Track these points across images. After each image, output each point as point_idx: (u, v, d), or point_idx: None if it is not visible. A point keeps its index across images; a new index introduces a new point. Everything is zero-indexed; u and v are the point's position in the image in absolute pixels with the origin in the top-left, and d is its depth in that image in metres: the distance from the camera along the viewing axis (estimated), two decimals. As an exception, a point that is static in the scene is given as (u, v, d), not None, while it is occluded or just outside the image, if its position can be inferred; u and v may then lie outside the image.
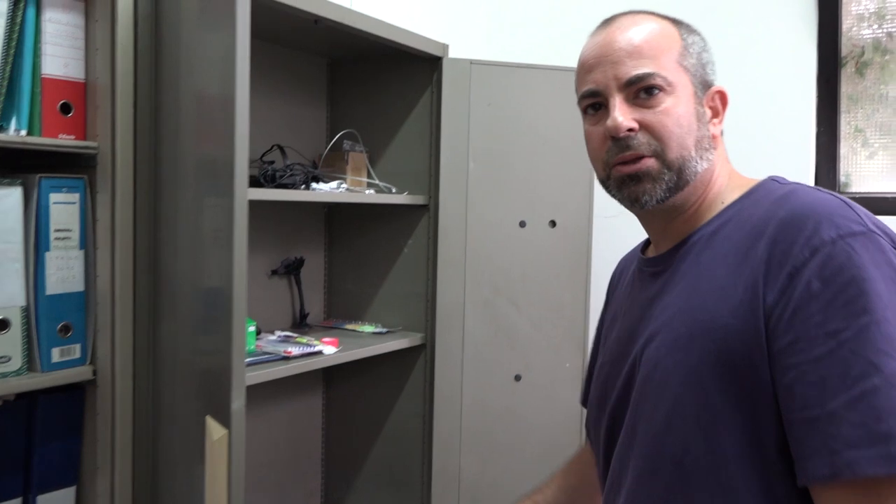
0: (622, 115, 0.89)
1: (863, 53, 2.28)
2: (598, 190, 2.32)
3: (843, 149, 2.37)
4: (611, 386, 0.97)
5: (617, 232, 2.68)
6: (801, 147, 2.28)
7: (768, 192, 0.88)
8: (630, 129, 0.89)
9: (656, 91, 0.89)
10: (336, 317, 2.19)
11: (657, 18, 0.95)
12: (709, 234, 0.90)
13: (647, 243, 1.08)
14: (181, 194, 1.19)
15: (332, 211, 2.18)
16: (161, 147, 1.22)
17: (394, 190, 2.02)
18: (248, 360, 1.58)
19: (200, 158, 1.15)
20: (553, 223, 2.03)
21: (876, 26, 2.26)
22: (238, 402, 1.08)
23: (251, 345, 1.66)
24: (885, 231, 0.81)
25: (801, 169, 2.27)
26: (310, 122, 2.10)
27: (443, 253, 1.98)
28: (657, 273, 0.96)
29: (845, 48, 2.29)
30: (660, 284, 0.94)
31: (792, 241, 0.79)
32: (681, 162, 0.90)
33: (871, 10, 2.27)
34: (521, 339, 2.05)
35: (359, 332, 2.03)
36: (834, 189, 2.32)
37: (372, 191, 2.01)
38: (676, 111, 0.90)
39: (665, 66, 0.90)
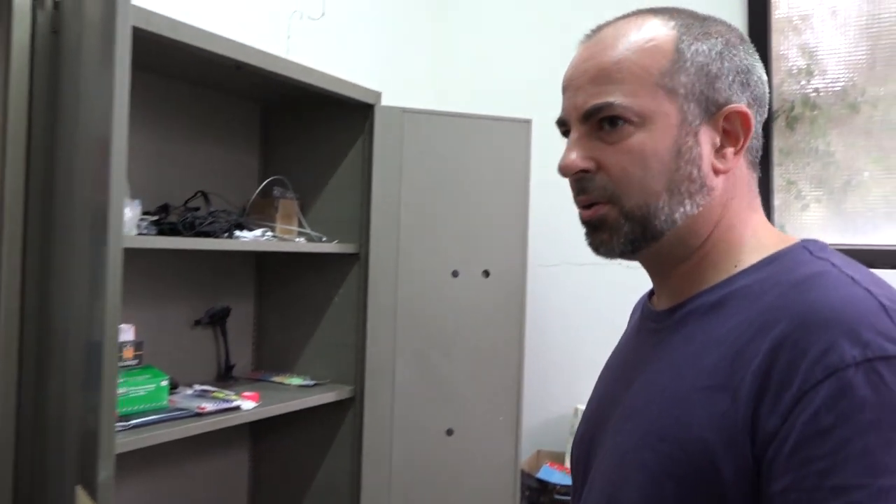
0: (576, 152, 0.74)
1: (793, 108, 2.32)
2: (534, 239, 2.32)
3: (777, 201, 2.40)
4: (583, 452, 0.84)
5: (555, 281, 2.66)
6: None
7: (793, 266, 0.69)
8: (584, 170, 0.74)
9: (621, 123, 0.72)
10: (265, 368, 2.11)
11: (655, 24, 0.75)
12: (709, 304, 0.72)
13: None
14: (74, 243, 1.12)
15: (262, 259, 2.12)
16: (55, 193, 1.16)
17: (324, 238, 1.97)
18: (154, 416, 1.50)
19: (87, 204, 1.09)
20: (486, 273, 2.00)
21: (804, 82, 2.31)
22: (105, 472, 0.98)
23: (163, 400, 1.58)
24: None
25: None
26: (241, 167, 2.05)
27: (373, 302, 1.93)
28: (655, 330, 0.80)
29: (776, 102, 2.33)
30: (653, 346, 0.78)
31: (803, 353, 0.61)
32: (643, 211, 0.73)
33: (801, 67, 2.32)
34: (454, 391, 1.99)
35: (285, 384, 1.96)
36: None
37: (302, 239, 1.96)
38: (644, 148, 0.72)
39: (636, 93, 0.72)
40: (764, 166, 2.33)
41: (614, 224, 0.74)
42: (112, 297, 0.99)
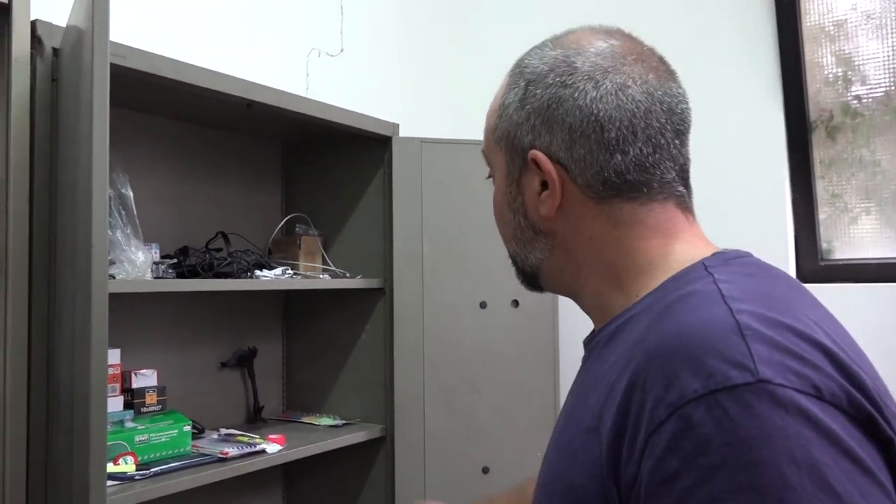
0: None
1: (832, 118, 2.21)
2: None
3: (823, 215, 2.28)
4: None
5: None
6: (776, 216, 2.19)
7: (677, 287, 0.63)
8: None
9: (491, 177, 0.78)
10: (294, 408, 2.07)
11: (508, 73, 0.75)
12: (608, 336, 0.68)
13: None
14: (75, 294, 1.11)
15: (289, 298, 2.09)
16: (57, 245, 1.15)
17: (348, 274, 1.94)
18: (176, 463, 1.47)
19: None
20: (516, 303, 1.94)
21: (843, 90, 2.21)
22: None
23: (186, 446, 1.55)
24: (809, 376, 0.52)
25: (777, 238, 2.18)
26: (264, 206, 2.04)
27: (399, 338, 1.88)
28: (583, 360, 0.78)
29: (813, 113, 2.23)
30: (577, 378, 0.75)
31: (651, 390, 0.54)
32: (514, 257, 0.77)
33: (837, 74, 2.22)
34: (487, 427, 1.92)
35: (315, 425, 1.92)
36: (816, 257, 2.22)
37: (326, 276, 1.93)
38: (494, 201, 0.77)
39: (487, 148, 0.77)
40: (805, 179, 2.22)
41: (514, 270, 0.78)
42: (97, 345, 0.96)
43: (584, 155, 0.67)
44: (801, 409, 0.50)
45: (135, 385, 1.60)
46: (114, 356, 1.53)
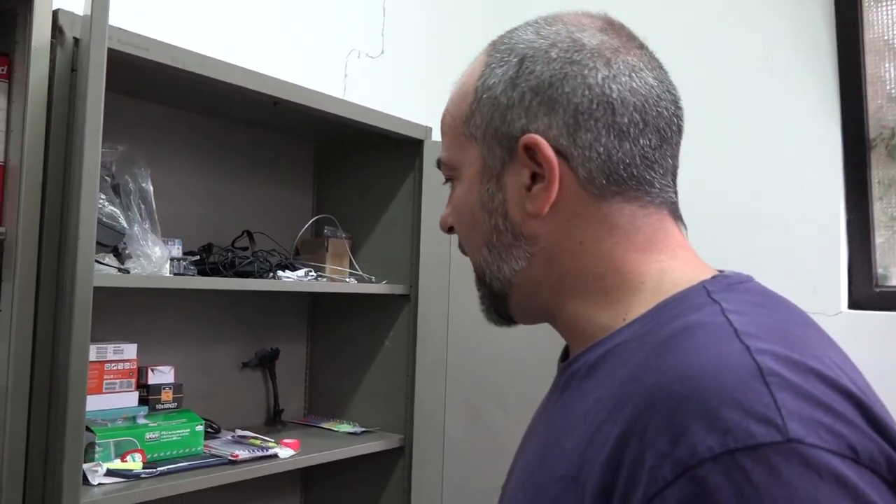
0: (446, 208, 0.69)
1: (893, 135, 2.09)
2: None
3: (880, 238, 2.15)
4: None
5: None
6: (829, 239, 2.06)
7: (675, 315, 0.54)
8: (450, 229, 0.70)
9: (451, 179, 0.68)
10: (316, 413, 2.04)
11: (478, 61, 0.65)
12: (588, 365, 0.59)
13: None
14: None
15: (315, 300, 2.07)
16: (68, 235, 1.13)
17: (373, 279, 1.90)
18: (184, 463, 1.45)
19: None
20: (545, 317, 1.87)
21: (906, 106, 2.08)
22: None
23: (198, 445, 1.53)
24: (844, 434, 0.44)
25: (830, 263, 2.06)
26: (293, 206, 2.02)
27: (422, 347, 1.83)
28: (552, 390, 0.69)
29: (873, 130, 2.11)
30: (545, 410, 0.67)
31: (650, 444, 0.46)
32: (478, 271, 0.67)
33: (902, 90, 2.09)
34: (509, 445, 1.84)
35: (334, 431, 1.88)
36: (870, 283, 2.09)
37: (353, 279, 1.90)
38: (458, 203, 0.66)
39: (449, 145, 0.66)
40: (862, 200, 2.09)
41: (477, 289, 0.68)
42: (79, 341, 0.93)
43: (590, 141, 0.58)
44: (837, 475, 0.42)
45: (151, 381, 1.58)
46: (130, 351, 1.52)
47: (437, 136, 1.90)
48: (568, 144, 0.58)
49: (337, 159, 2.04)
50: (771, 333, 0.49)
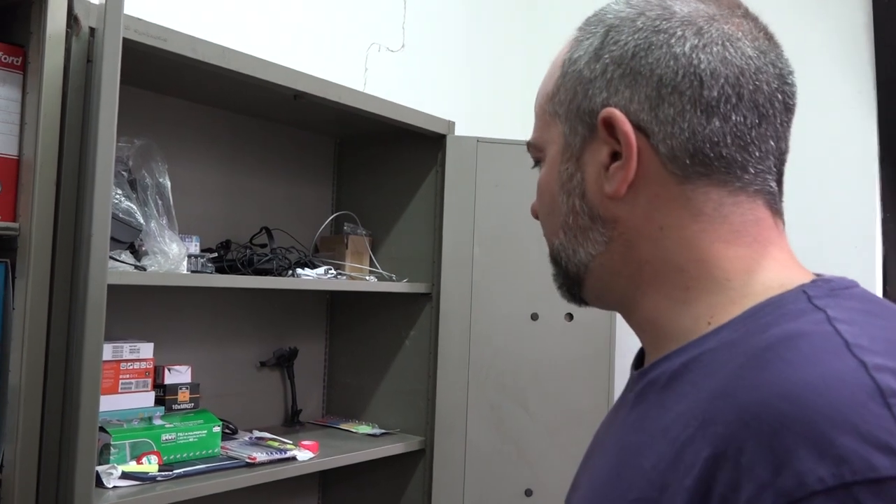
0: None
1: (932, 131, 2.01)
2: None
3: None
4: None
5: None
6: (863, 237, 2.00)
7: (771, 322, 0.48)
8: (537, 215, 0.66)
9: (539, 163, 0.64)
10: (334, 413, 2.00)
11: (573, 38, 0.61)
12: (669, 374, 0.53)
13: None
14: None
15: (335, 299, 2.03)
16: (83, 229, 1.10)
17: (394, 277, 1.86)
18: (202, 466, 1.41)
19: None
20: (570, 316, 1.82)
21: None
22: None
23: (215, 447, 1.50)
24: None
25: (864, 261, 1.99)
26: (313, 203, 1.98)
27: (444, 347, 1.79)
28: (622, 400, 0.63)
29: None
30: (617, 422, 0.61)
31: (749, 469, 0.40)
32: (554, 254, 0.62)
33: (941, 84, 2.02)
34: (533, 448, 1.80)
35: (353, 433, 1.84)
36: (905, 284, 2.02)
37: (373, 277, 1.86)
38: (541, 185, 0.63)
39: (538, 122, 0.62)
40: (898, 198, 2.03)
41: (551, 266, 0.64)
42: (91, 338, 0.90)
43: (673, 116, 0.52)
44: None
45: (167, 381, 1.55)
46: (146, 350, 1.49)
47: (459, 130, 1.86)
48: (649, 119, 0.53)
49: (357, 154, 1.99)
50: (888, 347, 0.43)
